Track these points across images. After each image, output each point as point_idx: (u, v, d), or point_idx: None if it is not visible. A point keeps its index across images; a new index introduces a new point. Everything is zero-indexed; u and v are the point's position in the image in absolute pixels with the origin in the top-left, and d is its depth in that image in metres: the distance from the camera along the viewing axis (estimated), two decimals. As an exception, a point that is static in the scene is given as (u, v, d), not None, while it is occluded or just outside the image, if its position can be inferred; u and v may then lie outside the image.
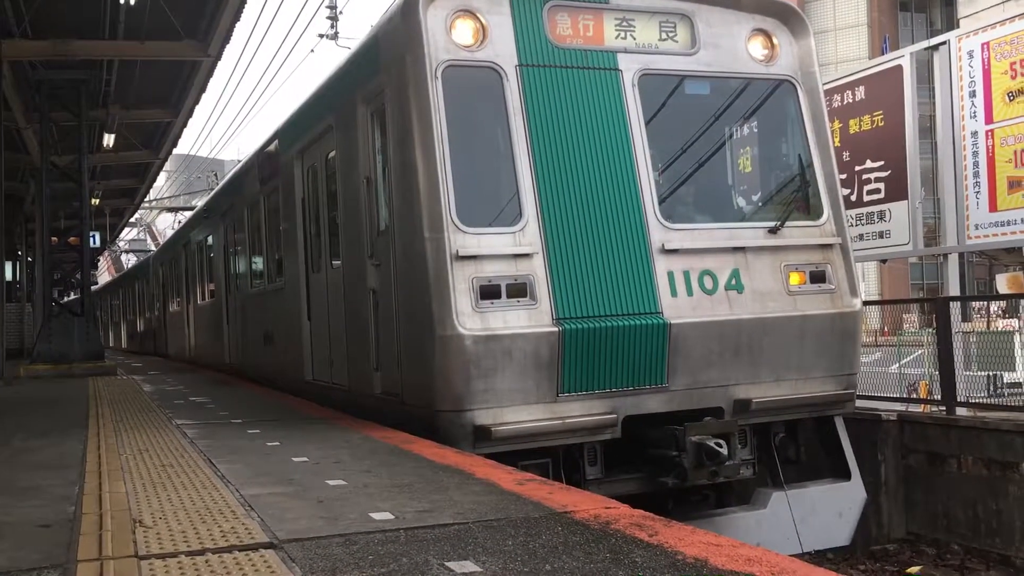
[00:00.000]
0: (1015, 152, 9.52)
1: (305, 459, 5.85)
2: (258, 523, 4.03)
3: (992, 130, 9.75)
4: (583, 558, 3.35)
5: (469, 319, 6.44)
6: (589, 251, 6.79)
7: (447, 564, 3.32)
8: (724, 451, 6.75)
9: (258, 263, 13.11)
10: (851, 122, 11.25)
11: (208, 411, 9.32)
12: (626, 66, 7.26)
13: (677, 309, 6.94)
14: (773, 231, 7.49)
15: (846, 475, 7.78)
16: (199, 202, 32.14)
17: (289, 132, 10.67)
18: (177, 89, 19.45)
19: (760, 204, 8.20)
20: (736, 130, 8.16)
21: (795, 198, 7.91)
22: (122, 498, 4.67)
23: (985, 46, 9.81)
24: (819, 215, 7.77)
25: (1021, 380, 10.12)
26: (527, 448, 6.54)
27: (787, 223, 7.56)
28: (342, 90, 8.58)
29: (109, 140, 21.35)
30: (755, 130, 8.27)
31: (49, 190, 18.43)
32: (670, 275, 7.00)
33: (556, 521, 3.93)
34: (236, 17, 15.00)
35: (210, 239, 17.23)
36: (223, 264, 15.87)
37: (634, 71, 7.27)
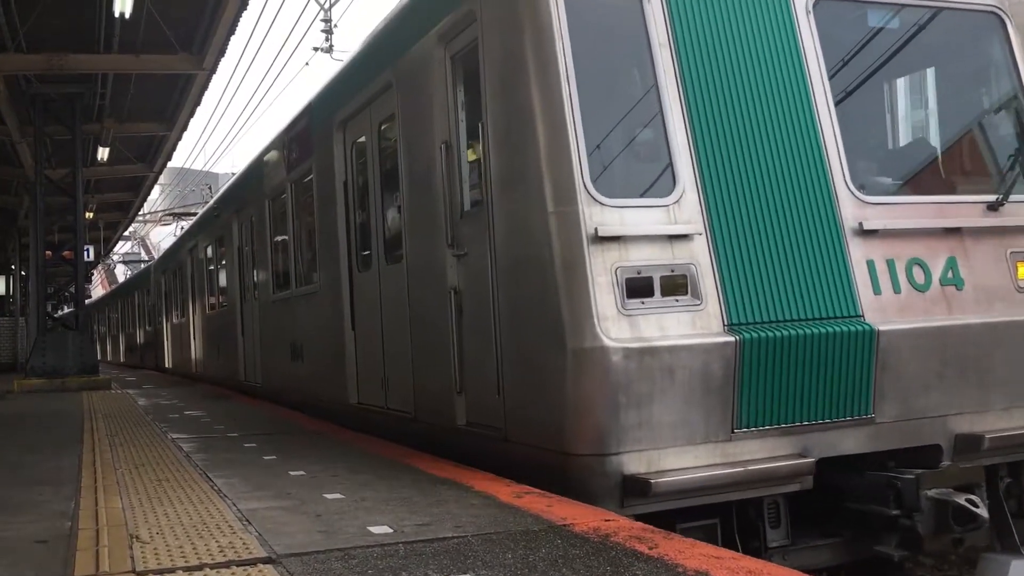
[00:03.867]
0: None
1: (302, 473, 5.82)
2: (256, 538, 4.01)
3: None
4: (583, 571, 3.34)
5: (614, 325, 4.76)
6: (765, 231, 5.14)
7: (447, 578, 3.31)
8: (981, 511, 4.98)
9: (283, 264, 11.37)
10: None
11: (203, 425, 9.28)
12: None
13: (883, 311, 5.26)
14: (994, 207, 5.74)
15: None
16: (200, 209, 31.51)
17: (327, 102, 8.94)
18: (172, 102, 19.48)
19: (971, 171, 6.37)
20: (934, 74, 6.58)
21: (1019, 162, 6.03)
22: (118, 513, 4.64)
23: None
24: None
25: None
26: (689, 506, 4.91)
27: (1010, 196, 5.79)
28: (407, 34, 6.86)
29: (103, 154, 21.37)
30: (958, 75, 6.63)
31: (43, 204, 18.43)
32: (870, 265, 5.33)
33: (555, 534, 3.92)
34: (231, 30, 15.04)
35: (221, 241, 15.51)
36: (237, 268, 14.10)
37: None
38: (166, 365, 23.59)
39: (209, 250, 16.89)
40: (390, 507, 4.61)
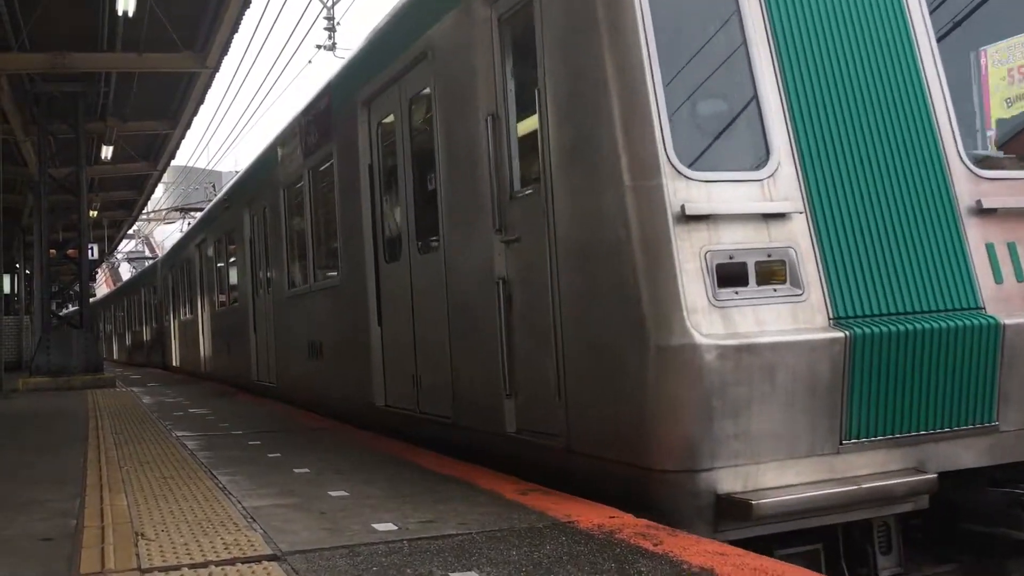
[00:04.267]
0: None
1: (307, 470, 5.83)
2: (261, 535, 4.01)
3: None
4: (588, 568, 3.34)
5: (705, 319, 4.16)
6: (871, 210, 4.50)
7: (451, 575, 3.31)
8: None
9: (300, 257, 10.62)
10: None
11: (208, 423, 9.29)
12: None
13: (1006, 302, 4.61)
14: None
15: None
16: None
17: (349, 80, 8.31)
18: (175, 101, 19.50)
19: None
20: None
21: None
22: (123, 511, 4.65)
23: None
24: None
25: None
26: (789, 530, 4.30)
27: None
28: None
29: (107, 152, 21.41)
30: None
31: (47, 202, 18.45)
32: (989, 249, 4.66)
33: (560, 531, 3.91)
34: (234, 28, 15.05)
35: (232, 234, 14.75)
36: (249, 262, 13.29)
37: None
38: (173, 364, 23.12)
39: (219, 244, 16.16)
40: (394, 504, 4.61)
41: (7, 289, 34.41)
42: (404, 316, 7.15)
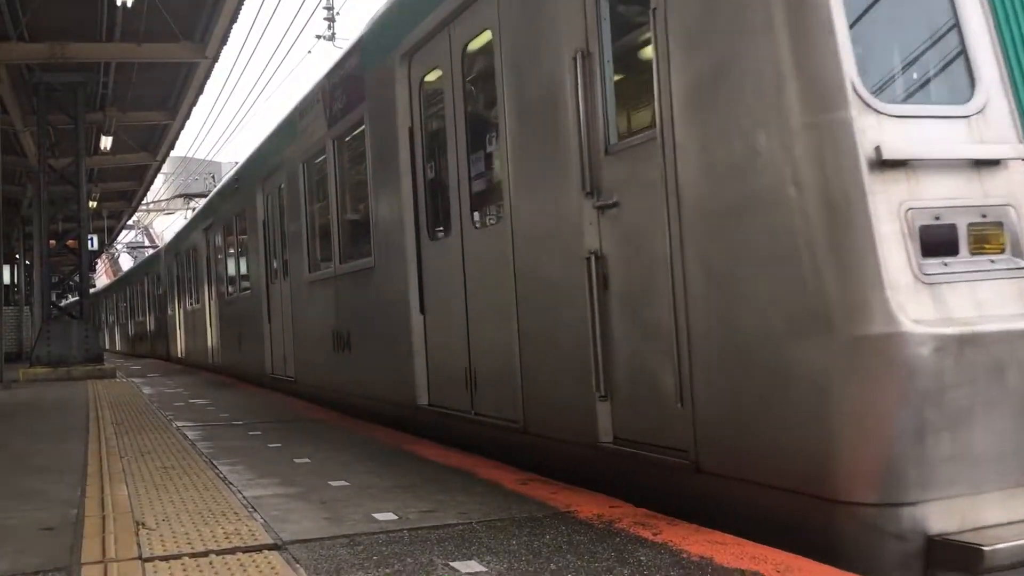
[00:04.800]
0: None
1: (307, 460, 5.84)
2: (261, 524, 4.03)
3: None
4: (588, 557, 3.35)
5: (912, 299, 3.17)
6: None
7: (451, 564, 3.32)
8: None
9: (323, 238, 9.67)
10: None
11: (208, 413, 9.31)
12: None
13: None
14: None
15: None
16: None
17: (385, 32, 7.34)
18: (174, 91, 19.48)
19: None
20: None
21: None
22: (124, 501, 4.66)
23: None
24: None
25: None
26: None
27: None
28: None
29: (107, 143, 21.38)
30: None
31: (47, 193, 18.44)
32: None
33: (560, 520, 3.93)
34: (233, 19, 15.04)
35: (243, 216, 13.71)
36: (263, 245, 12.30)
37: None
38: (178, 355, 22.36)
39: (228, 228, 15.10)
40: (395, 494, 4.63)
41: (7, 280, 34.44)
42: (454, 302, 6.22)
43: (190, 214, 25.22)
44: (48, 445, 7.15)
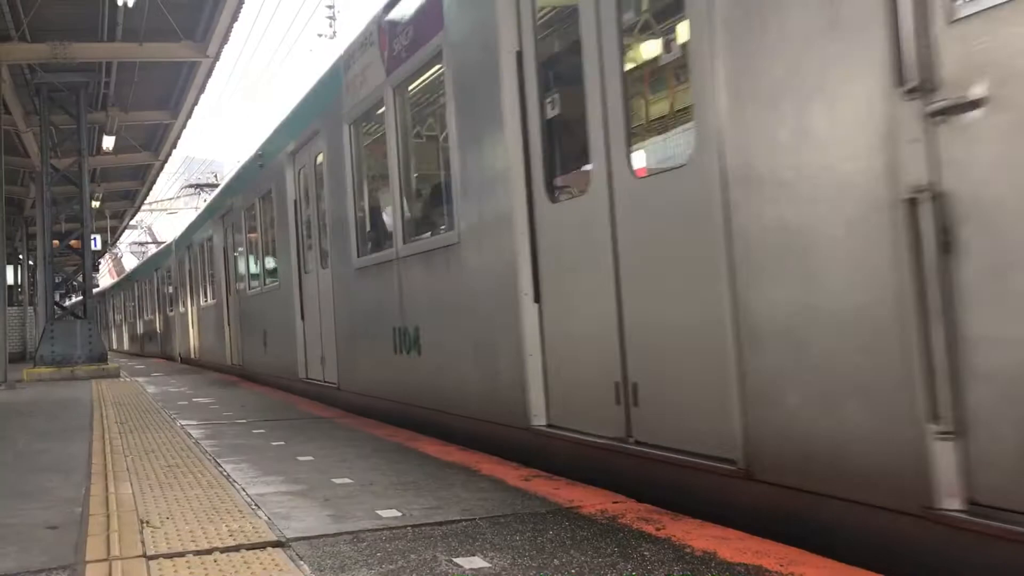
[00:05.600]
0: None
1: (310, 458, 5.85)
2: (265, 522, 4.03)
3: None
4: (591, 552, 3.35)
5: None
6: None
7: (455, 560, 3.32)
8: None
9: (378, 214, 8.24)
10: None
11: (212, 411, 9.32)
12: None
13: None
14: None
15: None
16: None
17: None
18: (176, 90, 19.50)
19: None
20: None
21: None
22: (129, 499, 4.67)
23: None
24: None
25: None
26: None
27: None
28: None
29: (109, 143, 21.39)
30: None
31: (50, 193, 18.46)
32: None
33: (563, 516, 3.93)
34: (234, 17, 15.04)
35: (268, 197, 11.97)
36: (294, 230, 10.69)
37: None
38: (192, 356, 20.76)
39: (249, 213, 13.50)
40: (398, 491, 4.63)
41: (11, 280, 34.50)
42: (594, 284, 4.59)
43: (193, 214, 24.51)
44: (52, 444, 7.16)
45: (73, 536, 3.95)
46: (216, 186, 28.82)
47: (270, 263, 12.42)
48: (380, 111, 7.70)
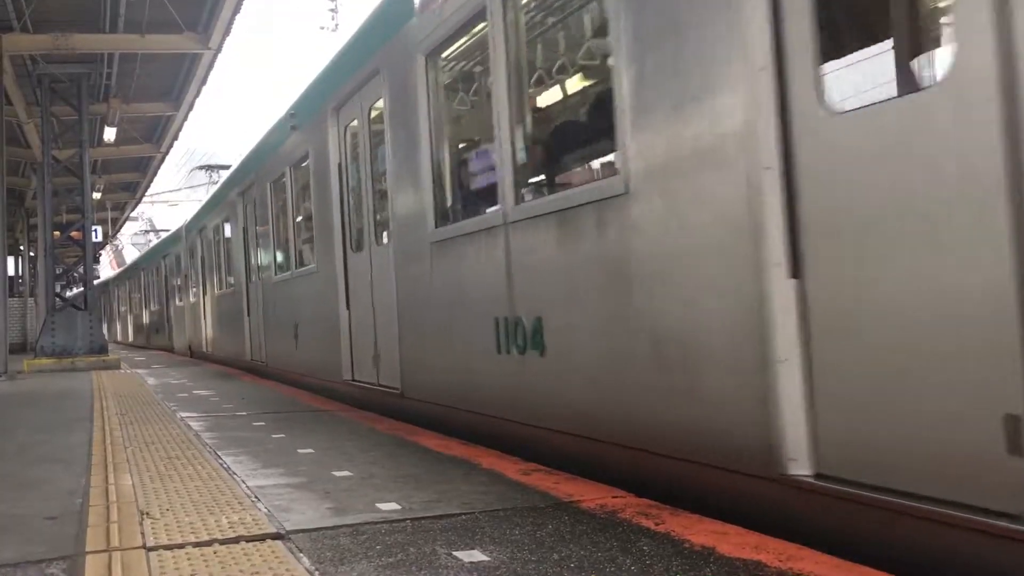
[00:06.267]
0: None
1: (311, 451, 5.86)
2: (265, 514, 4.04)
3: None
4: (590, 546, 3.36)
5: None
6: None
7: (454, 553, 3.33)
8: None
9: (465, 169, 6.59)
10: None
11: (212, 404, 9.33)
12: None
13: None
14: None
15: None
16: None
17: None
18: (178, 82, 19.49)
19: None
20: None
21: None
22: (129, 490, 4.68)
23: None
24: None
25: None
26: None
27: None
28: None
29: (110, 134, 21.39)
30: None
31: (51, 184, 18.47)
32: None
33: (562, 510, 3.93)
34: (236, 9, 15.02)
35: (300, 165, 10.40)
36: (337, 201, 8.91)
37: None
38: (204, 349, 19.06)
39: (278, 184, 11.72)
40: (398, 484, 4.64)
41: (11, 271, 34.50)
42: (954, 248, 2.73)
43: (196, 207, 23.74)
44: (53, 435, 7.17)
45: (73, 527, 3.95)
46: (228, 167, 26.36)
47: (304, 243, 10.62)
48: (485, 26, 5.70)
